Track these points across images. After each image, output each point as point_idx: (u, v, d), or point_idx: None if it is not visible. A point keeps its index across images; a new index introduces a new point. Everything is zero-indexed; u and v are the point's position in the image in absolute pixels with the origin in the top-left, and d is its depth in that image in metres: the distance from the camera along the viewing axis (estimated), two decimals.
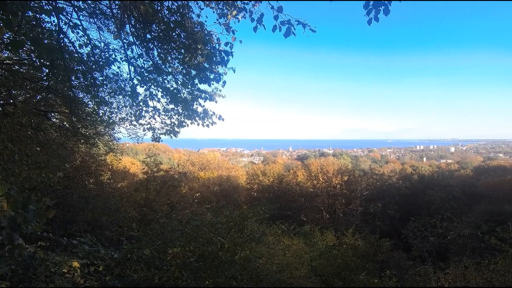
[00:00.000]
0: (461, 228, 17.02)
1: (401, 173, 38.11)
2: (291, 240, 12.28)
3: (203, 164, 34.09)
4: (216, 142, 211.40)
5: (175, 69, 4.85)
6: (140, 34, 4.23)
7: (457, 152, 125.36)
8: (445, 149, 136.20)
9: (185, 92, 5.04)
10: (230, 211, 7.06)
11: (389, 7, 2.59)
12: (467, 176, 36.66)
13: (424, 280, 9.63)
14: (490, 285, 7.91)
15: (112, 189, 10.32)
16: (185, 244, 3.73)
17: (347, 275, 10.05)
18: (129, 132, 8.76)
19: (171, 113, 5.51)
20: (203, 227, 5.48)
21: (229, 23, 4.24)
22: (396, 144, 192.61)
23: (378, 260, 12.91)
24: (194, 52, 4.15)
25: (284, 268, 8.63)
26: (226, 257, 4.38)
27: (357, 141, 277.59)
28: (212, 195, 24.98)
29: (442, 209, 22.61)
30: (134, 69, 4.66)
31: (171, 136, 5.80)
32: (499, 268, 8.24)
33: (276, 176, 30.75)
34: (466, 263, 9.38)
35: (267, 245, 9.55)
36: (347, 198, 27.88)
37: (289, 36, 3.27)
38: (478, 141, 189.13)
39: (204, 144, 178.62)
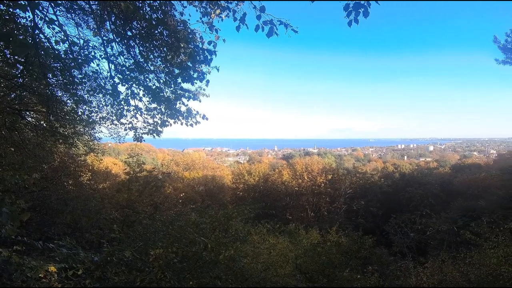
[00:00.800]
0: (439, 223, 17.68)
1: (383, 172, 39.17)
2: (277, 239, 12.33)
3: (188, 164, 33.71)
4: (201, 142, 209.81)
5: (158, 68, 4.77)
6: (120, 31, 4.13)
7: (436, 150, 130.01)
8: (425, 148, 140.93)
9: (168, 91, 4.97)
10: (215, 211, 7.01)
11: (369, 9, 2.66)
12: (445, 174, 38.07)
13: (404, 275, 9.93)
14: (466, 278, 8.25)
15: (92, 190, 10.03)
16: (168, 245, 3.68)
17: (331, 272, 10.21)
18: (110, 132, 8.55)
19: (154, 113, 5.42)
20: (187, 227, 5.42)
21: (212, 22, 4.22)
22: (378, 143, 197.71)
23: (361, 256, 13.20)
24: (177, 51, 4.09)
25: (269, 267, 8.66)
26: (210, 257, 4.35)
27: (341, 141, 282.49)
28: (197, 195, 24.76)
29: (421, 205, 23.39)
30: (114, 67, 4.54)
31: (154, 135, 5.71)
32: (474, 262, 8.61)
33: (262, 176, 30.84)
34: (443, 257, 9.73)
35: (252, 244, 9.56)
36: (331, 197, 28.36)
37: (272, 36, 3.29)
38: (455, 140, 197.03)
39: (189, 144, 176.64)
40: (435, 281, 8.99)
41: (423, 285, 9.08)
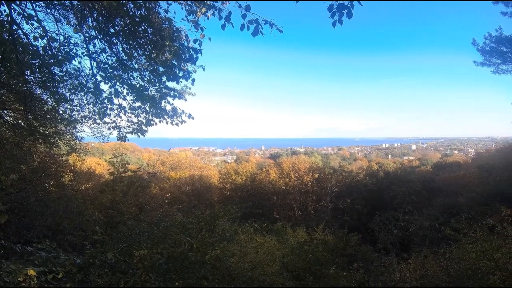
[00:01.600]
0: (421, 220, 18.17)
1: (368, 170, 39.94)
2: (264, 237, 12.38)
3: (174, 164, 33.32)
4: (188, 141, 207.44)
5: (142, 66, 4.68)
6: (103, 28, 4.02)
7: (418, 149, 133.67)
8: (408, 147, 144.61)
9: (153, 90, 4.88)
10: (202, 211, 6.96)
11: (352, 10, 2.71)
12: (427, 172, 39.22)
13: (388, 271, 10.15)
14: (446, 272, 8.53)
15: (74, 191, 9.73)
16: (153, 246, 3.62)
17: (317, 269, 10.33)
18: (93, 131, 8.32)
19: (138, 111, 5.31)
20: (173, 228, 5.36)
21: (198, 20, 4.18)
22: (363, 143, 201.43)
23: (346, 253, 13.43)
24: (161, 49, 4.03)
25: (257, 266, 8.69)
26: (196, 257, 4.31)
27: (328, 140, 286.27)
28: (183, 195, 24.52)
29: (405, 203, 23.99)
30: (97, 65, 4.42)
31: (138, 135, 5.60)
32: (454, 256, 8.91)
33: (249, 175, 30.87)
34: (425, 253, 10.02)
35: (239, 243, 9.56)
36: (318, 195, 28.72)
37: (257, 35, 3.29)
38: (437, 139, 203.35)
39: (175, 143, 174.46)
40: (417, 276, 9.26)
41: (406, 280, 9.33)
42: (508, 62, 9.33)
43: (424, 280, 8.76)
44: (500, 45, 9.11)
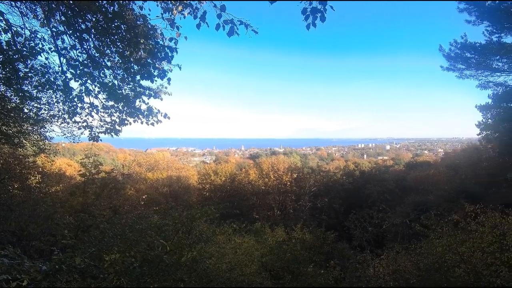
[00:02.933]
0: (394, 217, 18.90)
1: (345, 170, 41.01)
2: (243, 238, 12.37)
3: (151, 165, 32.48)
4: (166, 141, 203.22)
5: (115, 64, 4.51)
6: (72, 23, 3.84)
7: (392, 149, 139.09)
8: (382, 147, 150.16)
9: (127, 88, 4.73)
10: (179, 213, 6.84)
11: (325, 14, 2.78)
12: (400, 171, 40.92)
13: (363, 267, 10.48)
14: (416, 266, 8.93)
15: (42, 194, 9.22)
16: (125, 250, 3.51)
17: (295, 268, 10.47)
18: (63, 131, 7.92)
19: (112, 111, 5.12)
20: (148, 230, 5.23)
21: (174, 18, 4.10)
22: (340, 143, 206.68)
23: (324, 251, 13.73)
24: (136, 47, 3.92)
25: (235, 267, 8.67)
26: (171, 260, 4.23)
27: (306, 140, 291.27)
28: (161, 196, 23.97)
29: (379, 201, 24.88)
30: (66, 62, 4.21)
31: (112, 135, 5.40)
32: (423, 251, 9.35)
33: (229, 176, 30.72)
34: (397, 248, 10.44)
35: (217, 244, 9.49)
36: (297, 195, 29.08)
37: (233, 35, 3.29)
38: (409, 140, 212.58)
39: (152, 143, 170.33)
40: (390, 271, 9.62)
41: (380, 275, 9.67)
42: (471, 68, 9.97)
43: (396, 275, 9.11)
44: (465, 51, 9.72)
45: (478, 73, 10.07)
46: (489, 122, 12.89)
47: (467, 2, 8.57)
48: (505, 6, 8.17)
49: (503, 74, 9.87)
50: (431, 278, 7.97)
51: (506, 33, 9.01)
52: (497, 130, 12.78)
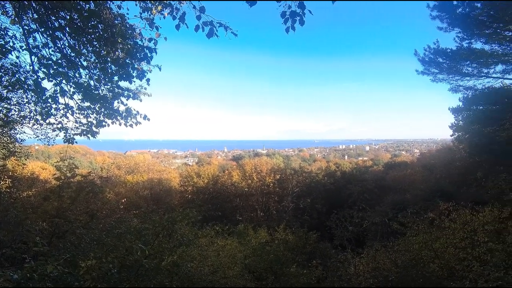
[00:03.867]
0: (373, 216, 19.44)
1: (326, 171, 41.70)
2: (225, 240, 12.30)
3: (131, 167, 31.63)
4: (146, 143, 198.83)
5: (92, 63, 4.37)
6: (45, 20, 3.68)
7: (371, 150, 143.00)
8: (362, 148, 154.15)
9: (104, 89, 4.59)
10: (160, 216, 6.70)
11: (304, 18, 2.83)
12: (379, 171, 42.10)
13: (344, 266, 10.69)
14: (394, 263, 9.20)
15: (13, 199, 8.74)
16: (102, 255, 3.40)
17: (278, 268, 10.52)
18: (36, 133, 7.56)
19: (88, 112, 4.95)
20: (128, 234, 5.09)
21: (153, 18, 4.03)
22: (322, 144, 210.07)
23: (306, 251, 13.88)
24: (113, 46, 3.81)
25: (217, 269, 8.60)
26: (151, 264, 4.14)
27: (289, 141, 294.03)
28: (141, 200, 23.40)
29: (359, 201, 25.46)
30: (38, 61, 4.03)
31: (88, 137, 5.22)
32: (401, 248, 9.68)
33: (211, 177, 30.45)
34: (376, 246, 10.73)
35: (199, 247, 9.37)
36: (279, 196, 29.24)
37: (212, 37, 3.28)
38: (387, 141, 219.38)
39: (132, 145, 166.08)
40: (370, 269, 9.87)
41: (360, 273, 9.90)
42: (444, 72, 10.49)
43: (376, 272, 9.36)
44: (437, 56, 10.22)
45: (450, 77, 10.62)
46: (460, 124, 13.57)
47: (439, 10, 9.00)
48: (474, 14, 8.65)
49: (472, 78, 10.44)
50: (408, 274, 8.24)
51: (476, 39, 9.53)
52: (467, 132, 13.48)
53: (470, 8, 8.49)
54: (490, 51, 9.53)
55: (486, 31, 8.92)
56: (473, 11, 8.48)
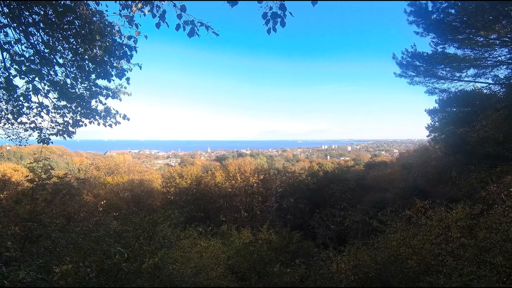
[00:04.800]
0: (355, 215, 19.90)
1: (309, 170, 42.26)
2: (209, 241, 12.20)
3: (111, 168, 30.72)
4: (127, 144, 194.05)
5: (68, 61, 4.20)
6: (17, 15, 3.50)
7: (353, 150, 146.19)
8: (344, 148, 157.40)
9: (81, 88, 4.42)
10: (141, 218, 6.55)
11: (285, 19, 2.86)
12: (360, 171, 43.10)
13: (326, 264, 10.86)
14: (374, 261, 9.44)
15: None
16: (79, 259, 3.27)
17: (262, 268, 10.54)
18: (7, 133, 7.18)
19: (64, 111, 4.76)
20: (106, 237, 4.95)
21: (133, 16, 3.93)
22: (305, 144, 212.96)
23: (289, 251, 13.99)
24: (90, 43, 3.68)
25: (200, 271, 8.51)
26: (131, 267, 4.03)
27: (273, 142, 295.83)
28: (121, 201, 22.78)
29: (340, 200, 25.99)
30: (10, 57, 3.83)
31: (64, 137, 5.01)
32: (380, 246, 9.94)
33: (194, 178, 30.10)
34: (357, 244, 10.96)
35: (182, 249, 9.25)
36: (263, 196, 29.32)
37: (193, 36, 3.24)
38: (368, 141, 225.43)
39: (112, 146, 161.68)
40: (351, 266, 10.07)
41: (342, 271, 10.08)
42: (420, 75, 10.91)
43: (357, 270, 9.56)
44: (414, 60, 10.62)
45: (426, 80, 11.06)
46: (436, 125, 14.17)
47: (415, 15, 9.36)
48: (448, 20, 9.05)
49: (446, 81, 10.93)
50: (387, 270, 8.47)
51: (450, 44, 9.97)
52: (443, 132, 14.08)
53: (445, 15, 8.88)
54: (463, 55, 10.02)
55: (459, 37, 9.37)
56: (447, 17, 8.88)
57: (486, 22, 8.62)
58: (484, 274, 6.25)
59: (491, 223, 8.12)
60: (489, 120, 10.27)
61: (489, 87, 10.74)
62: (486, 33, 9.05)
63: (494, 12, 8.33)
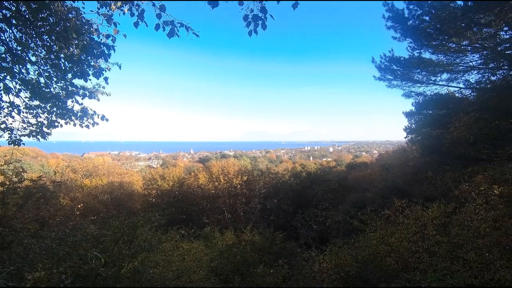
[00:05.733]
0: (336, 215, 20.28)
1: (292, 171, 42.67)
2: (191, 244, 12.03)
3: (89, 170, 29.66)
4: (106, 145, 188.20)
5: (42, 59, 4.03)
6: None
7: (335, 151, 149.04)
8: (326, 149, 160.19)
9: (57, 87, 4.25)
10: (121, 221, 6.37)
11: (266, 22, 2.89)
12: (341, 171, 44.00)
13: (308, 264, 10.99)
14: (355, 259, 9.65)
15: None
16: (53, 266, 3.13)
17: (245, 270, 10.53)
18: None
19: (38, 111, 4.56)
20: (83, 242, 4.78)
21: (112, 14, 3.83)
22: (288, 146, 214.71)
23: (273, 251, 14.04)
24: (66, 41, 3.55)
25: (182, 274, 8.38)
26: (108, 273, 3.91)
27: (256, 143, 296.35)
28: (100, 205, 22.06)
29: (323, 200, 26.40)
30: None
31: (38, 138, 4.80)
32: (361, 245, 10.19)
33: (177, 180, 29.61)
34: (339, 244, 11.18)
35: (163, 252, 9.07)
36: (247, 197, 29.27)
37: (173, 36, 3.21)
38: (349, 142, 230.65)
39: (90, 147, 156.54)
40: (332, 265, 10.26)
41: (324, 270, 10.23)
42: (398, 79, 11.33)
43: (338, 269, 9.74)
44: (392, 64, 11.01)
45: (403, 83, 11.49)
46: (413, 127, 14.73)
47: (393, 21, 9.72)
48: (423, 27, 9.46)
49: (422, 85, 11.40)
50: (367, 268, 8.70)
51: (425, 49, 10.39)
52: (419, 134, 14.67)
53: (420, 21, 9.27)
54: (437, 60, 10.48)
55: (434, 43, 9.80)
56: (422, 24, 9.28)
57: (458, 29, 9.07)
58: (457, 270, 6.55)
59: (463, 221, 8.53)
60: (461, 123, 10.81)
61: (461, 91, 11.30)
62: (458, 40, 9.51)
63: (466, 20, 8.78)
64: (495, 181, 14.23)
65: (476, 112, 9.86)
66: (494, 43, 9.41)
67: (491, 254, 6.71)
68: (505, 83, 9.78)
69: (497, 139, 8.92)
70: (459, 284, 4.60)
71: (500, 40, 9.40)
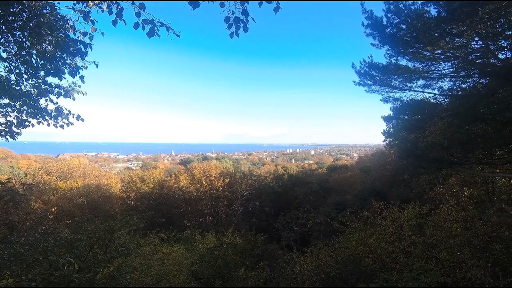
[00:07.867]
0: (318, 217, 20.58)
1: (274, 174, 42.87)
2: (171, 247, 11.79)
3: (64, 172, 28.42)
4: (83, 146, 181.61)
5: (13, 55, 3.83)
6: None
7: (316, 154, 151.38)
8: (308, 152, 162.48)
9: (28, 85, 4.05)
10: (96, 225, 6.14)
11: (248, 25, 2.89)
12: (323, 174, 44.71)
13: (289, 266, 11.06)
14: (335, 260, 9.82)
15: None
16: (21, 272, 2.96)
17: (226, 273, 10.43)
18: None
19: (7, 110, 4.32)
20: (55, 247, 4.56)
21: (89, 11, 3.70)
22: (270, 148, 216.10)
23: (254, 254, 14.03)
24: (39, 38, 3.39)
25: (161, 278, 8.19)
26: (81, 279, 3.75)
27: (239, 145, 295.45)
28: (75, 208, 21.18)
29: (304, 202, 26.70)
30: None
31: (7, 138, 4.54)
32: (341, 246, 10.37)
33: (157, 182, 28.97)
34: (319, 245, 11.33)
35: (142, 257, 8.83)
36: (229, 200, 29.10)
37: (153, 36, 3.15)
38: (330, 145, 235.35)
39: (65, 148, 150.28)
40: (313, 267, 10.38)
41: (305, 271, 10.33)
42: (376, 84, 11.70)
43: (319, 270, 9.87)
44: (371, 69, 11.36)
45: (382, 89, 11.86)
46: (391, 131, 15.25)
47: (371, 28, 10.03)
48: (400, 34, 9.83)
49: (399, 91, 11.82)
50: (347, 269, 8.86)
51: (402, 56, 10.80)
52: (396, 138, 15.20)
53: (397, 29, 9.62)
54: (413, 67, 10.91)
55: (410, 50, 10.20)
56: (399, 32, 9.64)
57: (432, 39, 9.49)
58: (430, 268, 6.82)
59: (437, 221, 8.89)
60: (436, 127, 11.29)
61: (436, 97, 11.82)
62: (432, 48, 9.95)
63: (439, 30, 9.21)
64: (466, 183, 14.95)
65: (449, 117, 10.35)
66: (466, 52, 9.93)
67: (462, 253, 7.03)
68: (474, 90, 10.33)
69: (467, 144, 9.39)
70: (432, 282, 4.78)
71: (471, 50, 9.92)
